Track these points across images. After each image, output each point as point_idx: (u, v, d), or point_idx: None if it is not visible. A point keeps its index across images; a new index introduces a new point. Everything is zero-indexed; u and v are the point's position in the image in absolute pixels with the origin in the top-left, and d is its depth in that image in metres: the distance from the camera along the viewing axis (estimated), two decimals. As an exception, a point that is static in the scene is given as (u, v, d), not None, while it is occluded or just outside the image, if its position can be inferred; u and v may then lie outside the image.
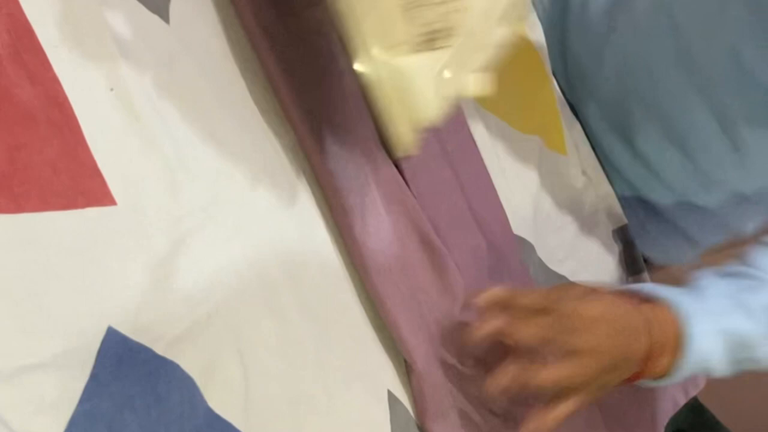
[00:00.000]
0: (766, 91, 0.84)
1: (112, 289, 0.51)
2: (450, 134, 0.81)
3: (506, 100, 0.92)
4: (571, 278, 0.91)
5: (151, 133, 0.56)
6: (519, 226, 0.85)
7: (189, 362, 0.53)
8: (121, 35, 0.58)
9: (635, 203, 1.01)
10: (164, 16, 0.62)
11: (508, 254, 0.82)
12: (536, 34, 0.97)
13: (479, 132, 0.86)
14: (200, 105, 0.61)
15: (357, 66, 0.56)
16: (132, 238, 0.53)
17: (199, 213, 0.57)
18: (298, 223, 0.64)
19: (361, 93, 0.68)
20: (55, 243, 0.49)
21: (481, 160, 0.85)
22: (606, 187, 1.00)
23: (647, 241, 1.02)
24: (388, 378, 0.67)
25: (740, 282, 0.73)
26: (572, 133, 0.98)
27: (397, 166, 0.72)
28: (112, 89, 0.55)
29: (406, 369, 0.68)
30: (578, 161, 0.98)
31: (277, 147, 0.65)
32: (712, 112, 0.89)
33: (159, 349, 0.51)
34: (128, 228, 0.53)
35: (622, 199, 1.01)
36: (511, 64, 0.94)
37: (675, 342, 0.70)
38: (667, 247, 1.03)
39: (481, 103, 0.89)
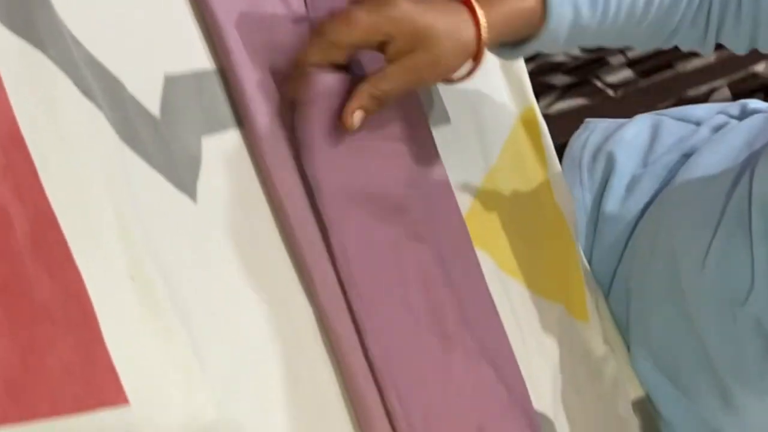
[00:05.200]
0: (755, 359, 0.83)
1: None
2: (471, 300, 0.79)
3: (529, 266, 0.90)
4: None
5: (169, 325, 0.54)
6: (539, 401, 0.82)
7: None
8: (146, 216, 0.56)
9: None
10: (191, 193, 0.60)
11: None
12: (565, 202, 0.95)
13: (499, 297, 0.84)
14: (223, 289, 0.59)
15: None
16: (143, 441, 0.50)
17: (213, 410, 0.54)
18: (318, 422, 0.61)
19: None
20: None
21: (503, 328, 0.82)
22: (625, 357, 0.97)
23: None
24: None
25: None
26: (596, 300, 0.96)
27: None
28: (132, 278, 0.53)
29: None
30: (600, 328, 0.95)
31: (301, 334, 0.63)
32: (708, 362, 0.88)
33: None
34: (140, 429, 0.50)
35: None
36: (536, 229, 0.93)
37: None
38: None
39: (503, 267, 0.87)
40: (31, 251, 0.49)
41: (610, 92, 1.63)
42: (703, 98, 1.57)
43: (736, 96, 1.57)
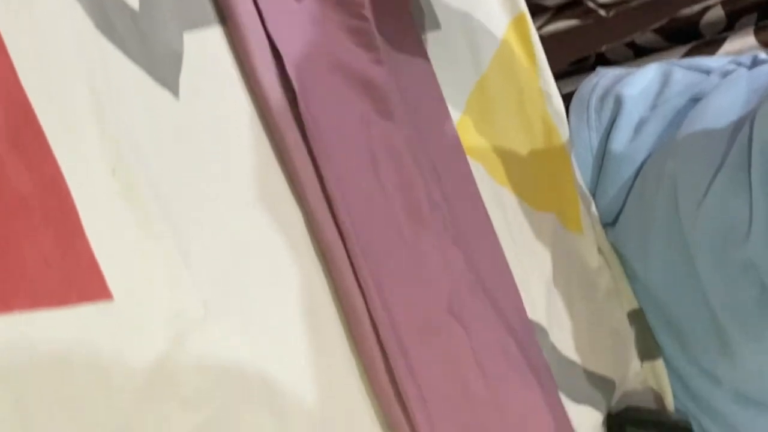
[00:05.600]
0: (751, 302, 0.82)
1: (103, 397, 0.46)
2: (464, 208, 0.77)
3: (521, 176, 0.88)
4: (585, 365, 0.87)
5: (152, 219, 0.52)
6: (533, 310, 0.81)
7: (183, 477, 0.49)
8: (126, 111, 0.54)
9: None
10: (173, 89, 0.58)
11: (524, 338, 0.78)
12: (558, 111, 0.94)
13: (492, 206, 0.82)
14: (208, 187, 0.57)
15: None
16: (127, 337, 0.49)
17: (200, 308, 0.53)
18: (309, 322, 0.60)
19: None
20: (42, 346, 0.45)
21: (496, 237, 0.81)
22: (620, 269, 0.96)
23: None
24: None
25: None
26: (589, 213, 0.95)
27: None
28: (114, 171, 0.51)
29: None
30: (594, 240, 0.94)
31: (291, 234, 0.61)
32: (705, 303, 0.87)
33: (151, 464, 0.47)
34: (124, 325, 0.49)
35: None
36: (528, 138, 0.91)
37: None
38: None
39: (496, 177, 0.85)
40: (7, 142, 0.47)
41: (603, 12, 1.60)
42: (697, 17, 1.55)
43: (729, 15, 1.54)
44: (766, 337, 0.83)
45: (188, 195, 0.56)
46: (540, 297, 0.84)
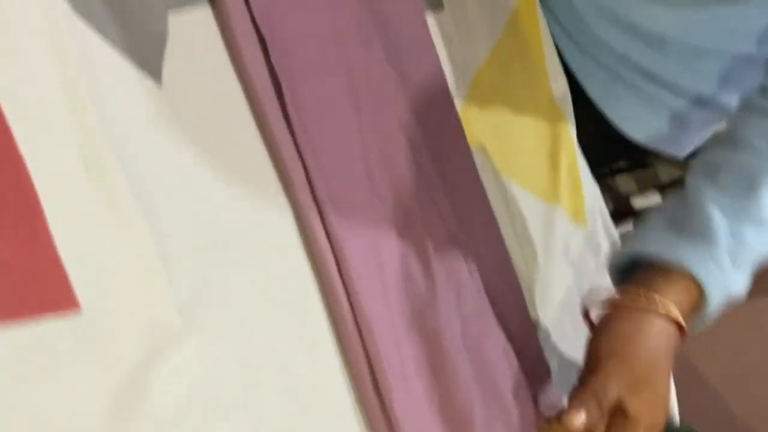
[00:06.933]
0: None
1: (68, 419, 0.42)
2: (465, 200, 0.73)
3: (528, 163, 0.84)
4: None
5: (126, 215, 0.48)
6: (534, 309, 0.77)
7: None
8: (104, 100, 0.50)
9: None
10: (156, 75, 0.53)
11: (523, 338, 0.74)
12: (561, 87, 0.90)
13: (495, 198, 0.78)
14: (189, 180, 0.53)
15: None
16: (96, 352, 0.45)
17: (176, 316, 0.49)
18: (296, 325, 0.56)
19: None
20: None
21: (498, 228, 0.77)
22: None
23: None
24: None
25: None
26: (595, 202, 0.90)
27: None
28: (86, 167, 0.47)
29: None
30: (602, 232, 0.90)
31: (277, 229, 0.57)
32: None
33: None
34: (92, 338, 0.45)
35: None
36: (535, 125, 0.87)
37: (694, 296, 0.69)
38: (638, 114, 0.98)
39: (500, 167, 0.81)
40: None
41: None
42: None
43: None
44: None
45: (169, 190, 0.51)
46: (543, 295, 0.80)
